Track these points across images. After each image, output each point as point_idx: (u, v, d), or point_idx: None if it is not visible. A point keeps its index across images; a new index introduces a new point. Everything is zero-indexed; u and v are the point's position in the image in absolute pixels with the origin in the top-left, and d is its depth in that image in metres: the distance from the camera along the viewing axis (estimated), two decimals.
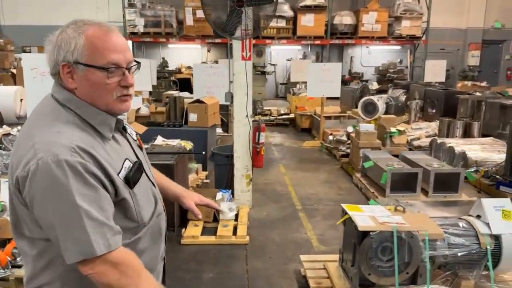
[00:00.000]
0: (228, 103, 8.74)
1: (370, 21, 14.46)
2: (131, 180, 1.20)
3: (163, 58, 15.16)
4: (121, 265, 1.11)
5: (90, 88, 1.17)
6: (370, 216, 2.74)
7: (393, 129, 5.88)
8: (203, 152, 4.80)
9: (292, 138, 8.59)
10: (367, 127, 5.73)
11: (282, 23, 14.69)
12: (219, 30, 3.85)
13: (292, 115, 9.97)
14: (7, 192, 1.23)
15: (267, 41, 14.87)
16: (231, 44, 14.73)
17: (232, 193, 4.57)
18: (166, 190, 1.62)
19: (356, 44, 15.70)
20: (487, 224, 2.79)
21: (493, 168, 5.44)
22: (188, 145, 4.91)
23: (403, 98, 9.56)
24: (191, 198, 1.64)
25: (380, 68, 15.27)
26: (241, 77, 4.28)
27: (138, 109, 6.68)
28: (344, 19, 14.59)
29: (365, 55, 16.26)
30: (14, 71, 10.32)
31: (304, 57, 16.06)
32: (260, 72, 15.14)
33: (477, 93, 9.76)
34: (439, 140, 6.38)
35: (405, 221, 2.69)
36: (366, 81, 14.63)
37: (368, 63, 16.15)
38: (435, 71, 11.55)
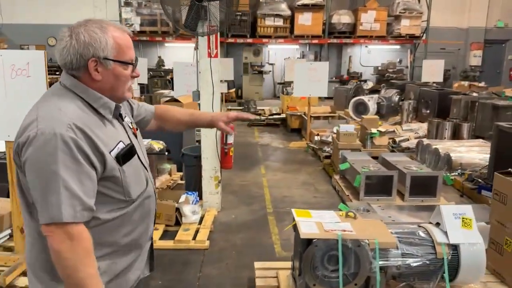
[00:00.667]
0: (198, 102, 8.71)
1: (369, 20, 14.24)
2: (121, 159, 1.34)
3: (159, 57, 15.08)
4: (75, 240, 1.22)
5: (115, 79, 1.37)
6: (317, 222, 2.58)
7: (373, 130, 5.69)
8: (166, 153, 4.65)
9: (281, 138, 8.42)
10: (347, 128, 5.54)
11: (279, 22, 14.53)
12: (180, 27, 3.70)
13: (283, 115, 9.79)
14: None
15: (264, 40, 14.72)
16: (227, 43, 14.63)
17: (200, 195, 4.42)
18: (197, 122, 1.92)
19: (355, 44, 15.49)
20: (445, 233, 2.61)
21: (478, 172, 5.23)
22: (159, 145, 4.77)
23: (396, 98, 9.35)
24: (220, 120, 1.86)
25: (379, 68, 15.04)
26: (207, 75, 4.13)
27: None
28: (342, 18, 14.38)
29: (365, 55, 16.03)
30: None
31: (303, 56, 15.88)
32: (257, 72, 15.01)
33: (474, 94, 9.51)
34: (425, 142, 6.18)
35: (354, 229, 2.52)
36: (365, 81, 14.41)
37: (368, 63, 15.92)
38: (432, 71, 11.27)
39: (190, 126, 2.00)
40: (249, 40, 14.71)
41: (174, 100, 5.62)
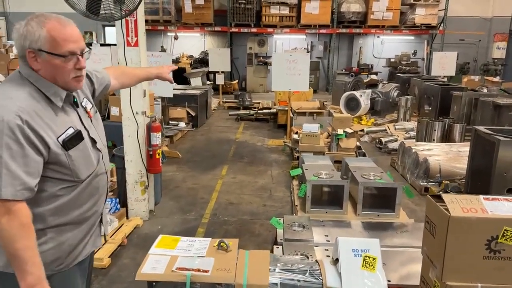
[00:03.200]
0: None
1: (381, 8, 13.33)
2: (67, 144, 1.46)
3: (161, 46, 14.69)
4: (13, 214, 1.35)
5: (52, 70, 1.46)
6: (173, 256, 2.05)
7: (339, 131, 5.04)
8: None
9: (263, 135, 7.86)
10: (310, 127, 4.93)
11: (285, 11, 13.86)
12: (80, 13, 3.20)
13: (273, 110, 9.20)
14: None
15: (269, 29, 14.09)
16: (231, 32, 14.12)
17: (125, 203, 3.97)
18: (148, 76, 2.27)
19: (368, 34, 14.60)
20: (340, 274, 2.03)
21: (457, 181, 4.52)
22: None
23: (394, 93, 8.56)
24: (165, 71, 2.26)
25: (392, 60, 14.11)
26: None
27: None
28: (352, 6, 13.55)
29: (378, 46, 15.11)
30: None
31: (311, 47, 15.13)
32: (262, 63, 14.41)
33: (485, 90, 8.61)
34: (406, 144, 5.48)
35: (216, 266, 1.98)
36: (376, 73, 13.54)
37: (381, 54, 14.99)
38: (443, 64, 10.36)
39: (142, 80, 2.29)
40: (254, 30, 14.11)
41: None
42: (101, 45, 11.88)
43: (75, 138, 1.50)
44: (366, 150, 6.12)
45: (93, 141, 1.61)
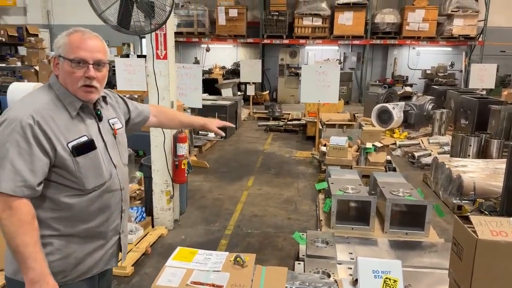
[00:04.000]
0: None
1: (417, 19, 13.06)
2: (75, 150, 1.49)
3: (195, 58, 14.97)
4: (13, 210, 1.39)
5: (64, 75, 1.54)
6: (189, 270, 2.05)
7: (368, 145, 4.91)
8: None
9: (292, 146, 7.80)
10: (338, 140, 4.84)
11: (318, 22, 13.84)
12: (112, 27, 3.30)
13: (303, 121, 9.13)
14: None
15: (301, 40, 14.08)
16: (263, 43, 14.22)
17: (151, 212, 4.02)
18: (192, 123, 2.28)
19: (403, 45, 14.31)
20: None
21: (493, 200, 4.30)
22: None
23: (429, 106, 8.31)
24: (213, 124, 2.19)
25: (428, 72, 13.74)
26: (154, 78, 3.70)
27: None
28: (387, 17, 13.35)
29: (413, 57, 14.77)
30: (37, 68, 10.70)
31: (344, 58, 15.00)
32: (293, 74, 14.39)
33: None
34: (440, 159, 5.28)
35: (231, 282, 1.96)
36: (410, 85, 13.21)
37: (416, 66, 14.64)
38: (482, 76, 9.97)
39: (185, 126, 2.32)
40: (286, 41, 14.15)
41: None
42: (138, 56, 12.27)
43: (86, 146, 1.54)
44: (398, 165, 5.94)
45: (109, 155, 1.64)
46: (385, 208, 3.71)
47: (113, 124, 1.71)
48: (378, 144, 4.86)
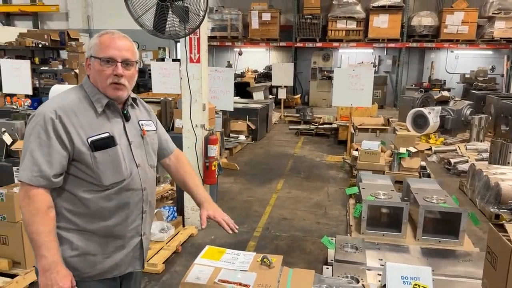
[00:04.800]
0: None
1: (455, 22, 12.66)
2: (94, 145, 1.54)
3: (228, 61, 15.13)
4: (29, 199, 1.48)
5: (95, 73, 1.61)
6: (217, 268, 2.08)
7: (402, 150, 4.80)
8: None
9: (323, 150, 7.74)
10: (370, 145, 4.76)
11: (352, 25, 13.68)
12: (148, 31, 3.40)
13: (335, 125, 9.05)
14: None
15: (335, 44, 13.96)
16: (295, 47, 14.22)
17: (182, 212, 4.11)
18: (193, 194, 1.97)
19: (440, 48, 13.91)
20: None
21: None
22: None
23: (467, 111, 8.03)
24: (206, 210, 1.90)
25: (467, 76, 13.27)
26: (187, 81, 3.79)
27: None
28: (424, 20, 13.03)
29: (451, 60, 14.32)
30: (77, 71, 11.15)
31: (379, 61, 14.74)
32: (326, 77, 14.28)
33: None
34: (477, 166, 5.10)
35: (258, 282, 1.98)
36: (448, 89, 12.81)
37: (455, 70, 14.18)
38: None
39: (186, 190, 2.03)
40: (319, 44, 14.08)
41: None
42: (173, 60, 12.56)
43: (106, 143, 1.57)
44: (433, 171, 5.78)
45: (132, 154, 1.66)
46: (418, 214, 3.62)
47: (142, 125, 1.73)
48: (412, 149, 4.75)
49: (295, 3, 14.32)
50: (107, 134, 1.58)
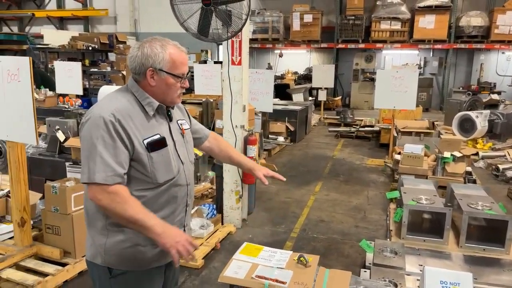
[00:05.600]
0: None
1: (507, 22, 12.09)
2: (150, 146, 1.65)
3: (268, 63, 15.21)
4: (112, 194, 1.56)
5: (165, 87, 1.71)
6: (254, 264, 2.14)
7: (446, 154, 4.64)
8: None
9: (363, 153, 7.63)
10: (413, 148, 4.65)
11: (396, 26, 13.37)
12: (192, 35, 3.52)
13: (376, 128, 8.89)
14: None
15: (378, 45, 13.70)
16: (337, 48, 14.08)
17: (221, 210, 4.21)
18: (241, 163, 2.16)
19: (490, 49, 13.29)
20: None
21: None
22: (199, 152, 4.71)
23: None
24: (260, 171, 2.08)
25: None
26: (228, 83, 3.88)
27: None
28: (473, 20, 12.50)
29: (503, 62, 13.64)
30: (124, 72, 11.62)
31: (424, 63, 14.29)
32: (368, 79, 14.03)
33: None
34: None
35: (294, 280, 2.01)
36: (499, 92, 12.22)
37: (506, 72, 13.50)
38: None
39: (233, 164, 2.23)
40: (361, 45, 13.86)
41: None
42: (215, 62, 12.82)
43: (159, 143, 1.68)
44: (479, 177, 5.56)
45: (177, 153, 1.77)
46: (462, 221, 3.50)
47: (181, 125, 1.86)
48: (457, 154, 4.60)
49: (337, 4, 14.18)
50: (158, 136, 1.68)
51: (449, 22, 12.79)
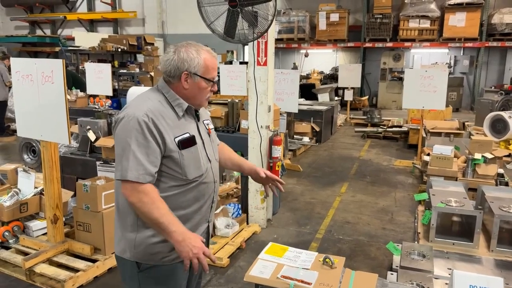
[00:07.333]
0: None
1: None
2: (181, 144, 1.71)
3: (294, 63, 15.15)
4: (141, 193, 1.62)
5: (197, 90, 1.77)
6: (279, 264, 2.14)
7: (477, 156, 4.49)
8: None
9: (390, 154, 7.50)
10: (442, 149, 4.54)
11: (425, 24, 13.10)
12: (219, 36, 3.55)
13: (405, 128, 8.72)
14: None
15: (406, 43, 13.44)
16: (364, 47, 13.91)
17: (246, 209, 4.23)
18: (242, 166, 2.16)
19: None
20: None
21: None
22: None
23: None
24: (262, 170, 2.13)
25: None
26: (254, 84, 3.90)
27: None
28: (506, 17, 12.12)
29: None
30: (152, 74, 11.84)
31: (455, 61, 13.91)
32: (396, 78, 13.78)
33: None
34: None
35: (319, 281, 2.00)
36: None
37: None
38: None
39: (234, 167, 2.22)
40: (389, 44, 13.63)
41: None
42: (240, 63, 12.88)
43: (189, 141, 1.75)
44: None
45: (205, 151, 1.84)
46: (493, 224, 3.40)
47: (207, 125, 1.93)
48: (489, 156, 4.46)
49: (364, 3, 13.99)
50: (188, 134, 1.75)
51: (481, 19, 12.43)
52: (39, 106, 3.14)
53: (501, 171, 4.93)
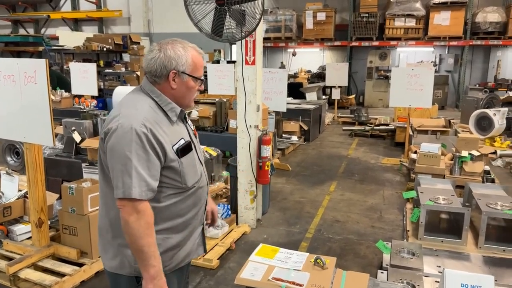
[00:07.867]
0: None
1: None
2: (180, 152, 1.63)
3: (281, 62, 15.16)
4: (140, 213, 1.52)
5: (185, 90, 1.69)
6: (270, 266, 2.12)
7: (464, 153, 4.55)
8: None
9: (378, 152, 7.54)
10: (430, 147, 4.57)
11: (411, 23, 13.23)
12: (206, 35, 3.51)
13: (391, 127, 8.78)
14: None
15: (392, 42, 13.55)
16: (350, 46, 13.97)
17: (236, 210, 4.20)
18: None
19: (507, 46, 13.03)
20: None
21: None
22: (213, 152, 4.71)
23: None
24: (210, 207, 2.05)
25: None
26: (242, 83, 3.87)
27: (189, 112, 6.72)
28: (490, 16, 12.30)
29: None
30: (138, 73, 11.71)
31: (440, 60, 14.08)
32: (383, 77, 13.88)
33: None
34: None
35: (311, 282, 1.99)
36: None
37: None
38: None
39: None
40: (376, 43, 13.73)
41: None
42: (228, 62, 12.82)
43: (186, 148, 1.67)
44: (498, 176, 5.44)
45: (197, 154, 1.78)
46: (480, 221, 3.44)
47: (191, 125, 1.86)
48: (475, 153, 4.51)
49: (351, 2, 14.07)
50: (183, 140, 1.66)
51: (465, 18, 12.60)
52: (21, 107, 3.06)
53: (487, 168, 4.99)
